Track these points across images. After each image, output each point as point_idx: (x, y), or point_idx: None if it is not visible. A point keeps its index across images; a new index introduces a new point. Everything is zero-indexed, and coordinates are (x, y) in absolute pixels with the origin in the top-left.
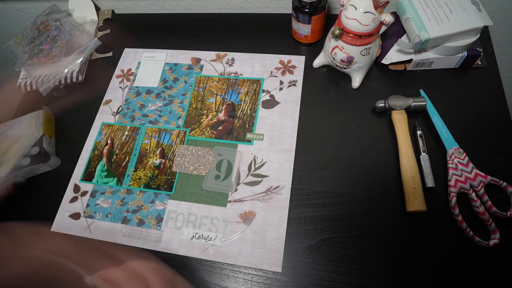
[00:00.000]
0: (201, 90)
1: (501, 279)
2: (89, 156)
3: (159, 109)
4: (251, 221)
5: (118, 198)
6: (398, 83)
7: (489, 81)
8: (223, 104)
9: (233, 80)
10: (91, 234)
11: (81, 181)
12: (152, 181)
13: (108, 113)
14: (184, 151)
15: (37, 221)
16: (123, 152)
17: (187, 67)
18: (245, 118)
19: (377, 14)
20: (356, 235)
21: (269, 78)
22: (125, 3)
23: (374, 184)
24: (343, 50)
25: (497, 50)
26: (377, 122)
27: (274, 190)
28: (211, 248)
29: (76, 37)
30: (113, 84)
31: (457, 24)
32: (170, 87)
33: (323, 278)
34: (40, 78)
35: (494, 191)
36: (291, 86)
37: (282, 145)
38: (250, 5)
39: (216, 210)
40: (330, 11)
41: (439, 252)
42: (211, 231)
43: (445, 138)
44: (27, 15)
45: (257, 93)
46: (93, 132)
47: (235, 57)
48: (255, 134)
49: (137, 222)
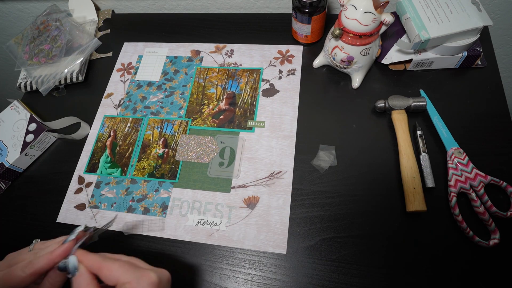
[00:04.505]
0: (202, 81)
1: (501, 279)
2: (92, 148)
3: (160, 100)
4: (255, 205)
5: (123, 188)
6: (398, 83)
7: (489, 81)
8: (224, 94)
9: (232, 71)
10: (97, 224)
11: (85, 172)
12: (156, 170)
13: (110, 106)
14: (187, 140)
15: None
16: (126, 143)
17: (187, 59)
18: (246, 107)
19: (377, 14)
20: (356, 235)
21: (268, 67)
22: (125, 3)
23: (374, 184)
24: (343, 50)
25: (497, 50)
26: (377, 122)
27: (277, 175)
28: (216, 233)
29: (76, 37)
30: (114, 78)
31: (457, 24)
32: (171, 79)
33: (323, 278)
34: (40, 78)
35: (494, 191)
36: (290, 75)
37: (283, 131)
38: (250, 5)
39: (220, 196)
40: (330, 11)
41: (439, 252)
42: (216, 216)
43: (445, 138)
44: (27, 15)
45: (257, 82)
46: (96, 124)
47: (234, 48)
48: (256, 122)
49: (143, 211)
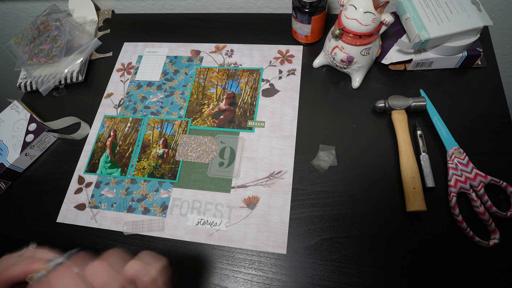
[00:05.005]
0: (202, 81)
1: (501, 279)
2: (92, 148)
3: (160, 100)
4: (255, 205)
5: (123, 188)
6: (398, 83)
7: (489, 81)
8: (224, 94)
9: (233, 71)
10: (97, 224)
11: (85, 172)
12: (156, 170)
13: (110, 106)
14: (187, 140)
15: None
16: (126, 143)
17: (187, 59)
18: (246, 107)
19: (377, 14)
20: (356, 235)
21: (268, 67)
22: (125, 3)
23: (374, 184)
24: (343, 50)
25: (497, 50)
26: (377, 122)
27: (277, 175)
28: (216, 233)
29: (76, 37)
30: (114, 78)
31: (457, 24)
32: (171, 79)
33: (323, 278)
34: (40, 78)
35: (494, 191)
36: (290, 75)
37: (283, 131)
38: (250, 5)
39: (220, 196)
40: (330, 11)
41: (439, 252)
42: (216, 216)
43: (445, 138)
44: (27, 15)
45: (257, 82)
46: (96, 124)
47: (234, 48)
48: (256, 122)
49: (143, 211)
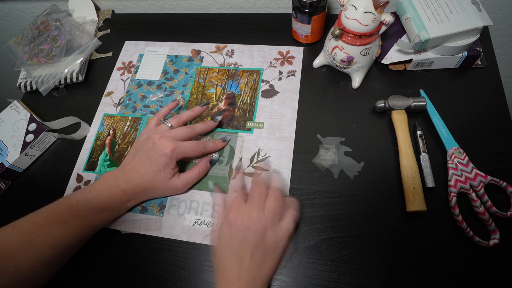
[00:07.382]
0: (202, 81)
1: (501, 279)
2: (91, 147)
3: (160, 99)
4: None
5: None
6: (398, 83)
7: (489, 81)
8: (224, 94)
9: (233, 71)
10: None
11: (84, 170)
12: None
13: (110, 105)
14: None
15: None
16: (125, 142)
17: (187, 59)
18: (245, 108)
19: (377, 14)
20: (356, 235)
21: (268, 68)
22: (125, 3)
23: (374, 184)
24: (343, 50)
25: (497, 50)
26: (377, 122)
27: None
28: (214, 233)
29: (76, 37)
30: (114, 76)
31: (457, 24)
32: (171, 79)
33: (323, 278)
34: (40, 78)
35: (494, 191)
36: (290, 76)
37: (282, 133)
38: (250, 5)
39: (218, 197)
40: (330, 11)
41: (439, 252)
42: (213, 217)
43: (445, 138)
44: (27, 15)
45: (256, 83)
46: (95, 123)
47: (235, 48)
48: (255, 123)
49: (140, 210)
